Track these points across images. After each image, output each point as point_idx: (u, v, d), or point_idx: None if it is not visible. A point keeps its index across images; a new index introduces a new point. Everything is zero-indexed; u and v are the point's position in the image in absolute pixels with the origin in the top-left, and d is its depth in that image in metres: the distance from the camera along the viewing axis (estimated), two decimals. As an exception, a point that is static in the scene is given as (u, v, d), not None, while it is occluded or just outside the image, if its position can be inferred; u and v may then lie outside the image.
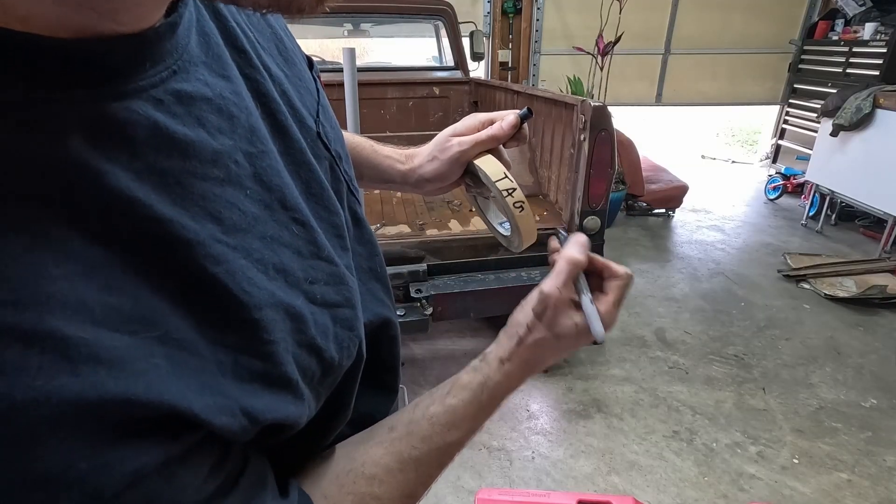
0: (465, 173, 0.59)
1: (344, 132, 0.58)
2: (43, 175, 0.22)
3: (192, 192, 0.28)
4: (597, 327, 0.44)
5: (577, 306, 0.45)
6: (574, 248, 0.45)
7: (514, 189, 0.52)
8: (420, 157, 0.61)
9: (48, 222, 0.21)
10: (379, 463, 0.40)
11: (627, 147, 3.82)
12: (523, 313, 0.45)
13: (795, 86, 4.77)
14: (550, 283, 0.44)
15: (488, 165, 0.55)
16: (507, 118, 0.56)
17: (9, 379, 0.19)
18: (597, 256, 0.47)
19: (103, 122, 0.24)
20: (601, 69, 4.06)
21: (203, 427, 0.25)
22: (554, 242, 0.49)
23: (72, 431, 0.20)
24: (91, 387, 0.21)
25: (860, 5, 4.17)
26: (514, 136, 0.57)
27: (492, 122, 0.57)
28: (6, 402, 0.19)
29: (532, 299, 0.45)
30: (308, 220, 0.36)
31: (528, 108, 0.56)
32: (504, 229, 0.61)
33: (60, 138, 0.22)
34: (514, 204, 0.52)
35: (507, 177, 0.53)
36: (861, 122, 3.37)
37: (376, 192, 2.41)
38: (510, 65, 4.60)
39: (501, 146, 0.58)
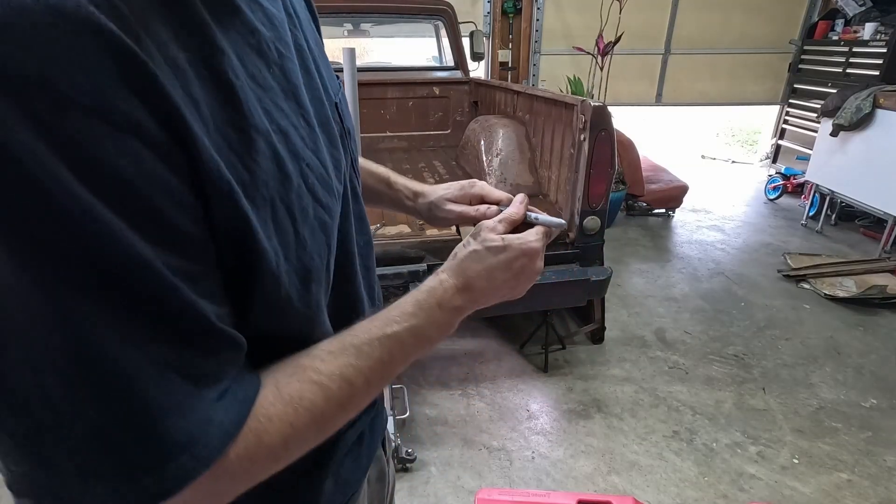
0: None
1: (367, 161, 0.72)
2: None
3: (230, 33, 0.35)
4: (554, 220, 0.56)
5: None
6: (514, 207, 0.57)
7: None
8: (424, 198, 0.71)
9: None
10: (322, 348, 0.43)
11: (627, 147, 3.82)
12: (463, 241, 0.53)
13: (795, 86, 4.77)
14: (488, 221, 0.54)
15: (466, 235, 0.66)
16: (491, 209, 0.65)
17: None
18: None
19: None
20: (601, 69, 4.06)
21: (188, 141, 0.29)
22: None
23: (85, 46, 0.26)
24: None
25: (860, 5, 4.17)
26: None
27: (482, 201, 0.67)
28: None
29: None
30: (314, 126, 0.42)
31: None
32: None
33: None
34: None
35: None
36: (861, 122, 3.37)
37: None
38: (510, 65, 4.60)
39: None
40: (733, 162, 6.08)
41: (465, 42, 3.54)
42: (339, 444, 0.56)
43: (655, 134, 7.30)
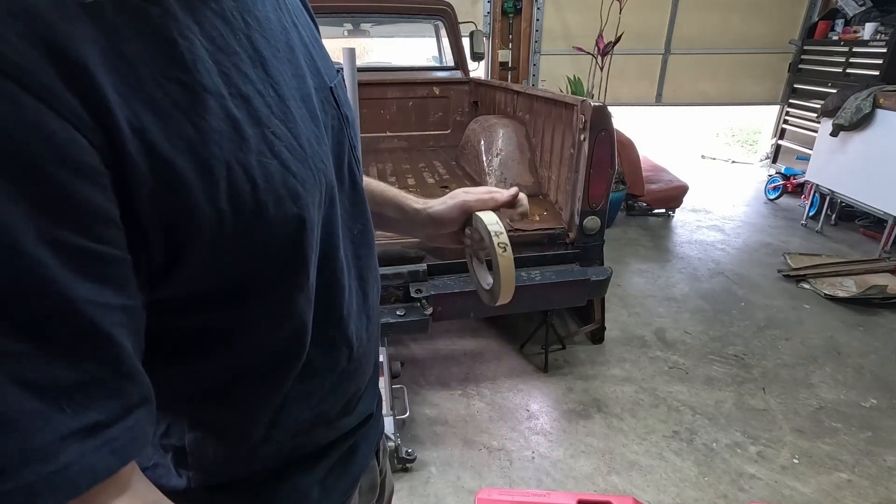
0: (466, 226, 0.69)
1: (374, 181, 0.74)
2: None
3: None
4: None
5: None
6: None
7: (502, 233, 0.60)
8: (434, 201, 0.73)
9: None
10: None
11: (627, 147, 3.82)
12: None
13: (795, 86, 4.77)
14: None
15: (487, 215, 0.65)
16: (510, 191, 0.69)
17: None
18: None
19: None
20: (601, 69, 4.06)
21: (98, 96, 0.28)
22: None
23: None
24: None
25: (860, 5, 4.17)
26: (518, 211, 0.70)
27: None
28: None
29: None
30: (287, 98, 0.41)
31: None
32: (487, 285, 0.68)
33: None
34: (497, 244, 0.59)
35: (498, 223, 0.62)
36: (861, 122, 3.37)
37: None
38: (510, 65, 4.60)
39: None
40: (733, 162, 6.08)
41: (465, 42, 3.54)
42: (329, 453, 0.55)
43: (655, 134, 7.30)
